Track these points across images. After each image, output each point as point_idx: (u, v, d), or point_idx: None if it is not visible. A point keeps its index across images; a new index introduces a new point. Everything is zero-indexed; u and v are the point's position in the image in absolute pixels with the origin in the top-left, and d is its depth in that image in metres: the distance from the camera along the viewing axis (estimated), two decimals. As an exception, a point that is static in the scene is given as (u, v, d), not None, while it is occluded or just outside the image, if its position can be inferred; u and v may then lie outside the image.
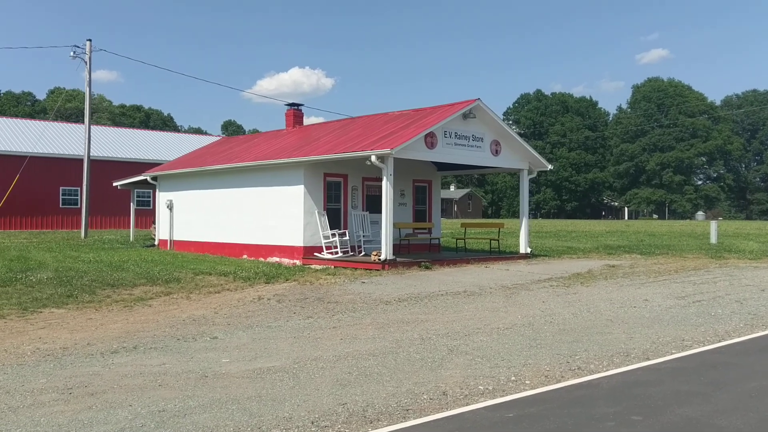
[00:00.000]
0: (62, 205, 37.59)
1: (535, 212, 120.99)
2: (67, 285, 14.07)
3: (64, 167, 37.21)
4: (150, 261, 18.95)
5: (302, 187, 18.23)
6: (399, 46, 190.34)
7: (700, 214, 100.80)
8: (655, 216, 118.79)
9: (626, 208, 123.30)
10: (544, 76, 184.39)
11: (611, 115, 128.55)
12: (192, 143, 42.22)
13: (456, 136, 17.77)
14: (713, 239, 27.66)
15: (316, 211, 18.36)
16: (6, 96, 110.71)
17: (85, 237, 28.59)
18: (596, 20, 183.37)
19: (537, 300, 12.20)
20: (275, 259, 19.09)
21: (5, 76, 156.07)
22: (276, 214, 19.11)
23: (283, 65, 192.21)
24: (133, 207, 27.39)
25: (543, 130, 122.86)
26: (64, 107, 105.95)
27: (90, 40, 28.28)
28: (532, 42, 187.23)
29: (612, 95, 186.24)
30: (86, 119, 29.19)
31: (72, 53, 27.84)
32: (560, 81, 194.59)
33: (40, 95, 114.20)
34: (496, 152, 18.97)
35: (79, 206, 38.02)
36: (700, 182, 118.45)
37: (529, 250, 20.39)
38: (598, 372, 7.11)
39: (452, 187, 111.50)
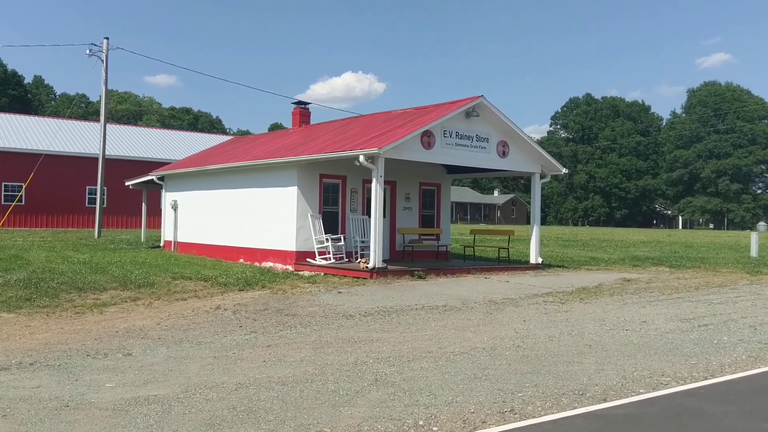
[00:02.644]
0: (88, 204, 37.61)
1: (583, 219, 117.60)
2: (33, 288, 13.42)
3: (93, 167, 37.15)
4: (139, 263, 18.24)
5: (296, 188, 17.21)
6: (449, 50, 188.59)
7: (761, 224, 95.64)
8: (711, 226, 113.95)
9: (680, 217, 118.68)
10: (598, 81, 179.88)
11: (664, 121, 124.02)
12: (214, 143, 41.88)
13: (457, 135, 16.47)
14: (753, 252, 25.51)
15: (309, 215, 17.30)
16: (61, 98, 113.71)
17: (98, 237, 28.26)
18: (655, 24, 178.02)
19: (518, 319, 10.85)
20: (269, 264, 18.12)
21: (61, 77, 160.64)
22: (270, 216, 18.14)
23: (336, 70, 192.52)
24: (144, 207, 26.87)
25: (592, 135, 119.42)
26: (116, 109, 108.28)
27: (107, 38, 27.98)
28: (586, 46, 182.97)
29: (667, 100, 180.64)
30: (102, 118, 28.90)
31: (88, 51, 27.56)
32: (616, 86, 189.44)
33: (94, 97, 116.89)
34: (504, 154, 17.58)
35: (104, 205, 38.03)
36: (759, 191, 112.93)
37: (540, 260, 18.88)
38: (532, 417, 5.81)
39: (496, 192, 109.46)
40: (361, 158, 14.74)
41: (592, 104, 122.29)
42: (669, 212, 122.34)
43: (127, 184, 26.67)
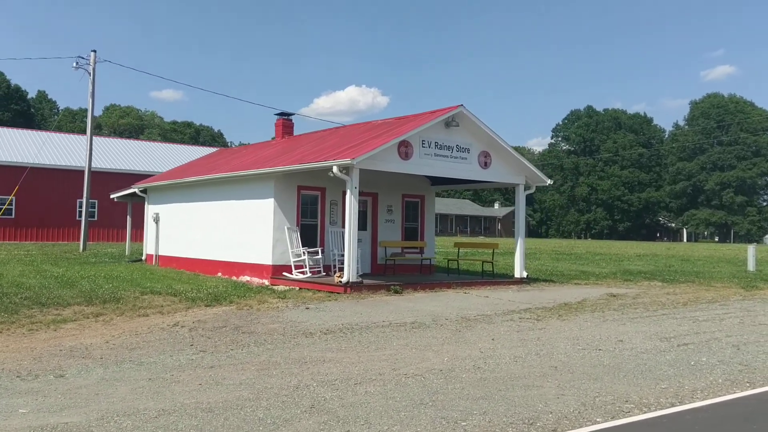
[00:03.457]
0: (78, 217, 37.19)
1: (585, 232, 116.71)
2: (-7, 303, 12.98)
3: (83, 180, 36.84)
4: (113, 277, 17.79)
5: (272, 200, 16.71)
6: (452, 63, 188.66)
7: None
8: (716, 239, 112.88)
9: (684, 230, 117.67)
10: (602, 95, 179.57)
11: (667, 133, 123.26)
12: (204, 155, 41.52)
13: (437, 146, 15.97)
14: (750, 266, 24.84)
15: (286, 227, 16.79)
16: (64, 113, 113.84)
17: (83, 250, 27.81)
18: (658, 38, 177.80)
19: (487, 337, 10.28)
20: (246, 278, 17.60)
21: (64, 92, 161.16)
22: (246, 229, 17.64)
23: (339, 83, 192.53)
24: (129, 220, 26.42)
25: (594, 147, 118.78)
26: (118, 123, 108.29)
27: (94, 51, 27.68)
28: (589, 60, 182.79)
29: (670, 113, 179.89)
30: (88, 131, 28.53)
31: (75, 64, 27.22)
32: (620, 99, 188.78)
33: (97, 111, 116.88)
34: (486, 164, 17.05)
35: (95, 218, 37.66)
36: (765, 203, 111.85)
37: (525, 275, 18.28)
38: (468, 451, 5.25)
39: (496, 205, 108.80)
40: (335, 169, 14.25)
41: (594, 116, 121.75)
42: (673, 225, 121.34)
43: (112, 196, 26.23)
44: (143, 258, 23.65)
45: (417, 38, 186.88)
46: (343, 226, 17.89)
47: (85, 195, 28.22)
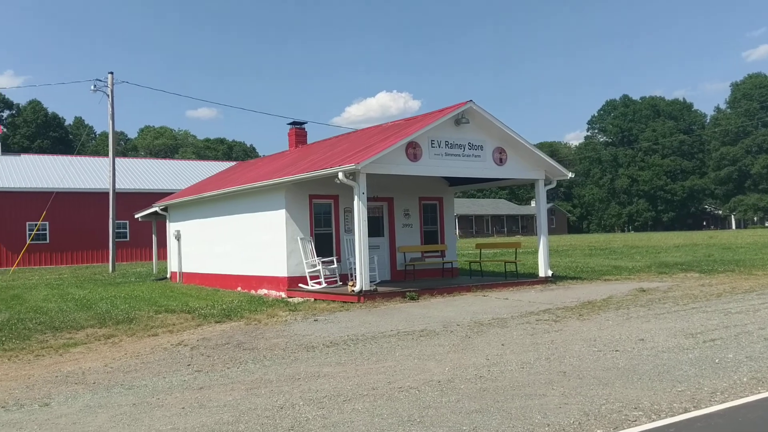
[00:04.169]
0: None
1: (628, 225, 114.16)
2: (7, 330, 13.03)
3: (123, 201, 37.21)
4: (131, 297, 17.76)
5: (284, 211, 16.41)
6: (483, 63, 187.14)
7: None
8: (766, 224, 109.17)
9: (732, 217, 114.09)
10: (638, 83, 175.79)
11: (708, 117, 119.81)
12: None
13: (447, 145, 15.46)
14: (796, 251, 23.63)
15: (299, 238, 16.46)
16: (101, 136, 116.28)
17: (112, 271, 27.98)
18: (696, 20, 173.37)
19: (497, 343, 9.73)
20: (264, 291, 17.34)
21: (102, 118, 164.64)
22: (261, 242, 17.38)
23: (370, 90, 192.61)
24: (154, 239, 26.49)
25: (632, 137, 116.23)
26: (153, 144, 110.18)
27: (112, 73, 27.92)
28: (624, 48, 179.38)
29: (710, 97, 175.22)
30: (110, 153, 28.76)
31: (93, 87, 27.48)
32: (659, 86, 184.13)
33: (132, 134, 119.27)
34: (501, 161, 16.46)
35: (127, 239, 38.04)
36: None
37: (550, 273, 17.59)
38: (445, 474, 4.77)
39: (533, 203, 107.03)
40: (341, 175, 13.86)
41: (630, 105, 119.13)
42: (720, 213, 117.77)
43: (136, 216, 26.36)
44: (168, 276, 23.63)
45: (445, 40, 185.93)
46: (360, 233, 17.54)
47: (111, 216, 28.44)
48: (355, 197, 14.16)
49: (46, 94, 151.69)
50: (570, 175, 17.73)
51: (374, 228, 18.19)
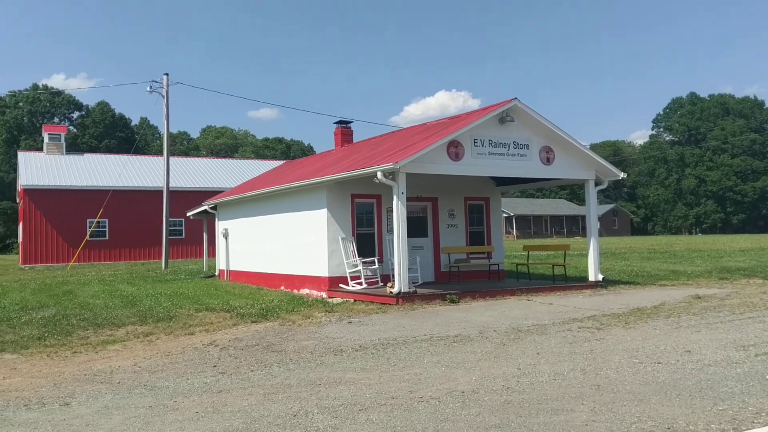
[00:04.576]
0: (170, 235, 38.37)
1: (695, 227, 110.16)
2: (51, 326, 13.25)
3: (178, 199, 37.98)
4: (176, 294, 17.92)
5: (325, 210, 16.26)
6: (542, 56, 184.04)
7: None
8: None
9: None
10: (706, 80, 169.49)
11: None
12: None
13: (491, 144, 15.00)
14: None
15: (341, 237, 16.28)
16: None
17: (165, 268, 28.48)
18: None
19: (532, 351, 9.28)
20: (306, 291, 17.24)
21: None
22: (303, 241, 17.29)
23: (429, 89, 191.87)
24: (205, 236, 26.82)
25: (700, 136, 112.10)
26: (214, 143, 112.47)
27: (167, 74, 28.43)
28: (692, 43, 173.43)
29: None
30: (165, 152, 29.26)
31: (148, 88, 28.05)
32: (729, 83, 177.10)
33: (194, 134, 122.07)
34: (548, 160, 15.88)
35: (182, 236, 38.76)
36: None
37: (600, 277, 16.88)
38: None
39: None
40: (379, 175, 13.59)
41: (698, 103, 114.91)
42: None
43: (188, 214, 26.75)
44: (216, 274, 23.86)
45: (503, 35, 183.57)
46: (403, 234, 17.24)
47: (164, 214, 28.97)
48: (394, 197, 13.87)
49: (114, 96, 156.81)
50: (622, 175, 17.00)
51: (418, 228, 17.88)
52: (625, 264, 25.50)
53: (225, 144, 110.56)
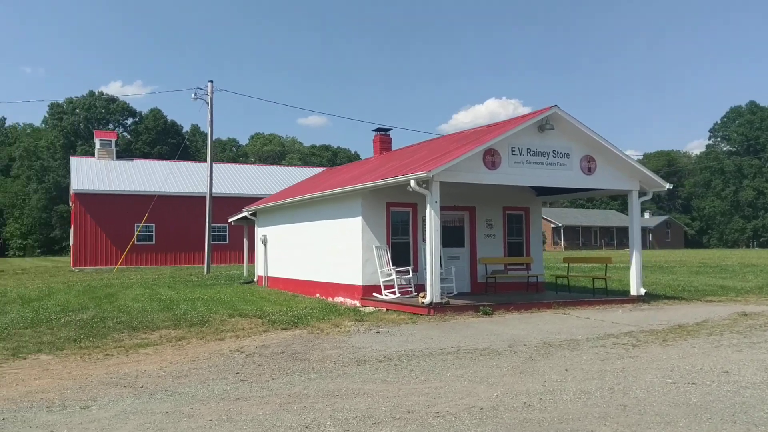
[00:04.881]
0: (213, 241, 38.92)
1: (753, 240, 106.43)
2: (88, 328, 13.48)
3: (215, 205, 38.59)
4: (212, 299, 18.08)
5: (360, 219, 16.17)
6: (596, 65, 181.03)
7: None
8: None
9: None
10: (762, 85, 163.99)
11: None
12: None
13: (529, 152, 14.68)
14: None
15: (375, 246, 16.16)
16: (215, 143, 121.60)
17: (206, 273, 28.84)
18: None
19: (560, 367, 8.96)
20: (340, 299, 17.17)
21: (217, 124, 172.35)
22: (338, 249, 17.24)
23: (479, 97, 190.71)
24: (246, 242, 27.07)
25: (759, 146, 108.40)
26: (262, 150, 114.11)
27: (211, 82, 28.89)
28: (752, 47, 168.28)
29: None
30: (208, 158, 29.71)
31: (193, 95, 28.51)
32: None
33: (243, 141, 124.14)
34: (589, 170, 15.46)
35: (227, 241, 39.25)
36: None
37: (642, 292, 16.32)
38: None
39: (647, 215, 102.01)
40: (413, 183, 13.43)
41: (757, 112, 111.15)
42: None
43: (230, 220, 27.06)
44: (255, 279, 24.01)
45: (556, 43, 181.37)
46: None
47: (207, 220, 29.37)
48: (428, 206, 13.69)
49: (167, 103, 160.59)
50: (667, 186, 16.43)
51: (454, 238, 17.65)
52: (672, 278, 24.70)
53: (272, 151, 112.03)
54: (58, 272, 35.86)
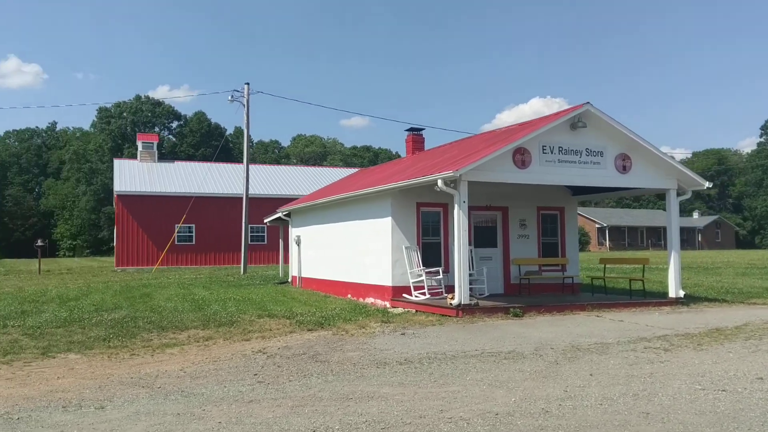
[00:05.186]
0: (251, 241, 39.28)
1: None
2: (118, 327, 13.64)
3: (254, 206, 38.93)
4: (244, 300, 18.15)
5: (390, 219, 16.02)
6: (644, 66, 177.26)
7: None
8: None
9: None
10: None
11: None
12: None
13: (560, 151, 14.30)
14: None
15: (404, 246, 15.98)
16: (258, 145, 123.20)
17: (243, 273, 29.06)
18: None
19: (585, 372, 8.64)
20: (371, 299, 17.04)
21: (260, 128, 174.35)
22: (368, 250, 17.12)
23: (523, 96, 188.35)
24: (281, 243, 27.18)
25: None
26: (303, 152, 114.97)
27: (248, 84, 29.10)
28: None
29: None
30: (245, 159, 29.93)
31: (230, 98, 28.79)
32: None
33: (285, 142, 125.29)
34: (624, 168, 14.99)
35: (265, 242, 39.55)
36: None
37: (681, 294, 15.75)
38: None
39: (696, 214, 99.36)
40: (440, 183, 13.21)
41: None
42: None
43: (265, 221, 27.21)
44: (289, 280, 24.07)
45: (604, 43, 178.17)
46: (470, 244, 16.76)
47: (243, 221, 29.61)
48: (455, 206, 13.45)
49: (211, 106, 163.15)
50: (707, 184, 15.83)
51: (487, 238, 17.36)
52: (716, 280, 23.88)
53: (314, 152, 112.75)
54: (101, 272, 36.63)
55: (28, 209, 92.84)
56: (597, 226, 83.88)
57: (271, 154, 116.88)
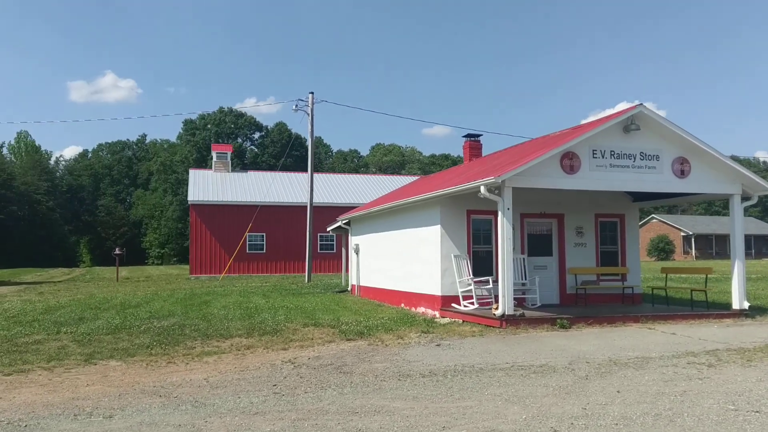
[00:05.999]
0: (320, 249, 39.65)
1: None
2: (164, 334, 13.82)
3: (322, 215, 39.29)
4: (296, 308, 18.19)
5: (439, 227, 15.70)
6: (740, 68, 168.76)
7: None
8: None
9: None
10: None
11: None
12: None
13: (612, 155, 13.61)
14: None
15: (453, 255, 15.61)
16: (337, 154, 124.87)
17: (307, 281, 29.29)
18: None
19: (613, 388, 8.09)
20: (422, 309, 16.76)
21: (339, 138, 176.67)
22: (418, 259, 16.85)
23: (610, 101, 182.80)
24: (344, 251, 27.24)
25: None
26: (382, 161, 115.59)
27: (312, 93, 29.42)
28: None
29: None
30: (309, 168, 30.21)
31: (294, 107, 29.19)
32: None
33: (364, 152, 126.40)
34: (682, 173, 14.11)
35: (334, 251, 39.83)
36: None
37: (746, 305, 14.66)
38: None
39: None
40: (483, 189, 12.81)
41: None
42: None
43: (328, 229, 27.35)
44: (349, 288, 24.06)
45: (690, 46, 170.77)
46: (522, 253, 16.25)
47: (308, 229, 29.89)
48: (499, 213, 13.01)
49: (293, 117, 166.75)
50: (775, 188, 14.71)
51: (542, 246, 16.77)
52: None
53: (392, 161, 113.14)
54: (176, 280, 37.81)
55: (120, 219, 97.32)
56: (682, 234, 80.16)
57: (350, 163, 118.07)
